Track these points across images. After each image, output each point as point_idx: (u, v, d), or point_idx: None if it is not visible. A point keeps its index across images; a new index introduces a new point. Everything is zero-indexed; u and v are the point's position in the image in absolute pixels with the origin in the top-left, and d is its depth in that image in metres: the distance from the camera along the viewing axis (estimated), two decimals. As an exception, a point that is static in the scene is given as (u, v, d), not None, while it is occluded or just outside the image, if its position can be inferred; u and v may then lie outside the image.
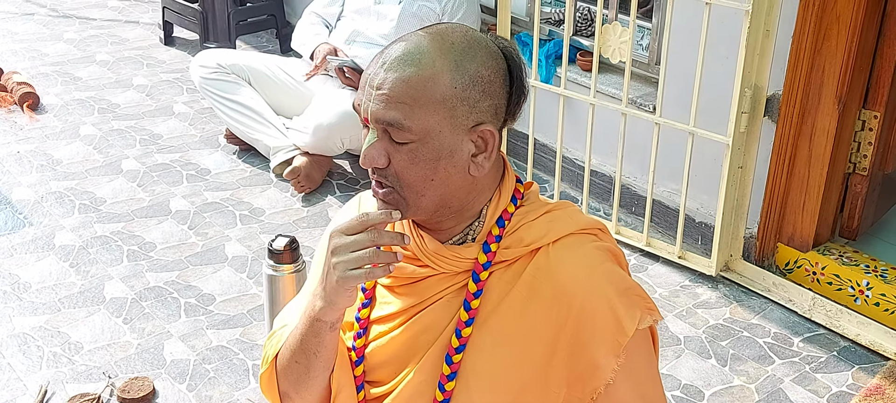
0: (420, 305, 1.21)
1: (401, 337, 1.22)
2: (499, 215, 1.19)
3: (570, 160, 3.23)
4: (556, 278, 1.15)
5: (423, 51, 1.11)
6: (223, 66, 3.35)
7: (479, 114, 1.13)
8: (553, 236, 1.17)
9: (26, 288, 2.64)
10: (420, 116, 1.09)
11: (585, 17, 3.34)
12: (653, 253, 2.86)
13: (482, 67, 1.12)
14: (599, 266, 1.16)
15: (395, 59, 1.11)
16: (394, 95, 1.09)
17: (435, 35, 1.13)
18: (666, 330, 2.54)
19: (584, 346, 1.14)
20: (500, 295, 1.17)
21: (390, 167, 1.13)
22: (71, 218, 2.99)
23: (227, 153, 3.45)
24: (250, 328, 2.50)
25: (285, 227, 2.98)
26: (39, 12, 4.93)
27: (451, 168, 1.13)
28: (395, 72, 1.10)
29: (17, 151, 3.42)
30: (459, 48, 1.12)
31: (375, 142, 1.13)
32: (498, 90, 1.14)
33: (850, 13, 2.41)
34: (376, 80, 1.11)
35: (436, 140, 1.11)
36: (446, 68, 1.10)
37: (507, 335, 1.16)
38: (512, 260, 1.18)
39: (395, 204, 1.16)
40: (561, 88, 2.91)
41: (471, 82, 1.11)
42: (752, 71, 2.51)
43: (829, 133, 2.54)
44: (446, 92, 1.10)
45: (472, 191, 1.17)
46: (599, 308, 1.13)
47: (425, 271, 1.20)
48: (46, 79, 4.07)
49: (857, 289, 2.57)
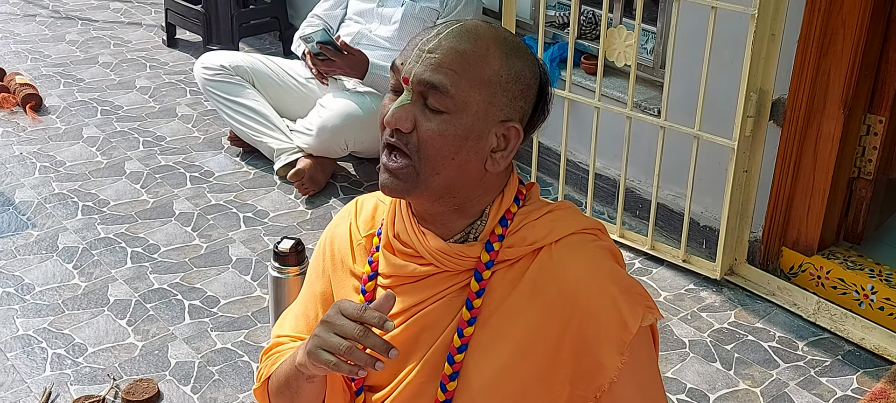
0: (421, 304, 1.21)
1: (402, 336, 1.21)
2: (502, 214, 1.19)
3: (574, 163, 3.23)
4: (560, 277, 1.15)
5: (480, 33, 1.14)
6: (227, 67, 3.35)
7: (513, 111, 1.15)
8: (556, 235, 1.18)
9: (29, 289, 2.63)
10: (464, 88, 1.11)
11: (590, 21, 3.34)
12: (657, 257, 2.86)
13: (526, 69, 1.16)
14: (602, 264, 1.17)
15: (453, 32, 1.13)
16: (445, 61, 1.11)
17: (491, 25, 1.17)
18: (670, 334, 2.53)
19: (588, 344, 1.14)
20: (502, 294, 1.17)
21: (414, 134, 1.12)
22: (74, 220, 2.99)
23: (230, 155, 3.45)
24: (255, 330, 2.49)
25: (289, 230, 2.98)
26: (41, 14, 4.93)
27: (472, 153, 1.13)
28: (451, 42, 1.12)
29: (20, 153, 3.41)
30: (511, 44, 1.16)
31: (407, 104, 1.12)
32: (531, 97, 1.17)
33: (855, 18, 2.42)
34: (429, 45, 1.13)
35: (470, 118, 1.12)
36: (498, 55, 1.13)
37: (509, 334, 1.16)
38: (515, 259, 1.18)
39: (406, 178, 1.13)
40: (566, 92, 2.91)
41: (514, 77, 1.14)
42: (758, 75, 2.51)
43: (834, 137, 2.54)
44: (492, 76, 1.12)
45: (480, 186, 1.18)
46: (604, 306, 1.14)
47: (427, 269, 1.20)
48: (49, 80, 4.06)
49: (861, 294, 2.57)
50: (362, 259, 1.28)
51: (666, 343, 2.49)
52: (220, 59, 3.38)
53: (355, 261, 1.29)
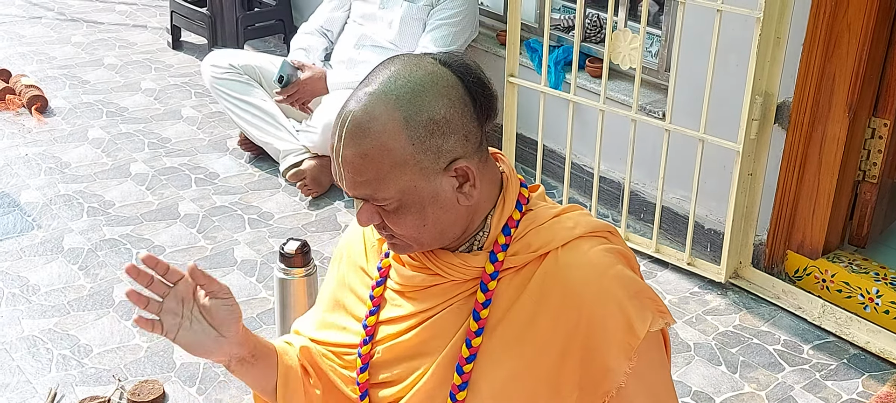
0: (429, 310, 1.21)
1: (410, 342, 1.22)
2: (504, 223, 1.18)
3: (578, 166, 3.23)
4: (565, 282, 1.14)
5: (373, 116, 1.09)
6: (236, 66, 3.36)
7: (448, 154, 1.11)
8: (561, 240, 1.16)
9: (35, 290, 2.64)
10: (389, 184, 1.10)
11: (595, 24, 3.35)
12: (662, 260, 2.86)
13: (436, 106, 1.10)
14: (609, 269, 1.15)
15: (347, 133, 1.11)
16: (358, 172, 1.11)
17: (379, 92, 1.10)
18: (675, 337, 2.53)
19: (595, 350, 1.14)
20: (509, 301, 1.17)
21: (383, 223, 1.16)
22: (79, 221, 3.00)
23: (235, 157, 3.46)
24: (260, 332, 2.49)
25: (294, 231, 2.98)
26: (47, 16, 4.95)
27: (438, 210, 1.14)
28: (351, 148, 1.10)
29: (26, 154, 3.42)
30: (408, 96, 1.09)
31: (365, 206, 1.16)
32: (459, 120, 1.11)
33: (860, 21, 2.42)
34: (339, 156, 1.13)
35: (414, 194, 1.12)
36: (398, 127, 1.08)
37: (517, 341, 1.16)
38: (520, 265, 1.17)
39: (404, 248, 1.19)
40: (571, 95, 2.91)
41: (427, 132, 1.09)
42: (763, 78, 2.51)
43: (839, 140, 2.54)
44: (405, 153, 1.09)
45: (468, 215, 1.18)
46: (610, 311, 1.13)
47: (434, 279, 1.20)
48: (54, 82, 4.07)
49: (866, 297, 2.56)
50: (375, 259, 1.30)
51: (671, 346, 2.49)
52: (229, 58, 3.39)
53: (368, 261, 1.31)
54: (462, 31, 3.30)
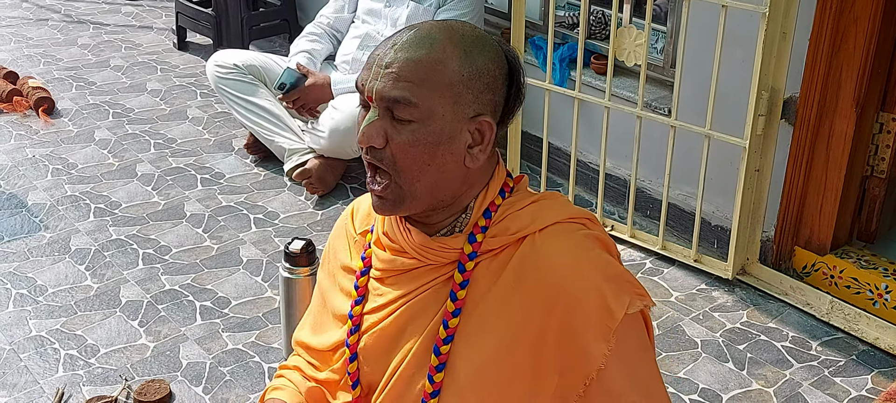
0: (408, 295, 1.22)
1: (390, 328, 1.23)
2: (486, 207, 1.20)
3: (584, 163, 3.22)
4: (542, 266, 1.15)
5: (435, 37, 1.14)
6: (240, 66, 3.36)
7: (481, 106, 1.15)
8: (539, 224, 1.18)
9: (42, 291, 2.65)
10: (427, 95, 1.11)
11: (599, 21, 3.34)
12: (668, 257, 2.85)
13: (489, 62, 1.15)
14: (587, 253, 1.16)
15: (407, 42, 1.13)
16: (403, 73, 1.11)
17: (446, 25, 1.17)
18: (682, 334, 2.52)
19: (573, 333, 1.14)
20: (487, 284, 1.18)
21: (387, 149, 1.14)
22: (86, 222, 3.00)
23: (240, 157, 3.46)
24: (266, 331, 2.49)
25: (299, 231, 2.98)
26: (53, 18, 4.96)
27: (447, 155, 1.14)
28: (406, 53, 1.12)
29: (33, 156, 3.43)
30: (469, 40, 1.15)
31: (375, 121, 1.14)
32: (499, 87, 1.17)
33: (868, 16, 2.40)
34: (386, 59, 1.13)
35: (438, 123, 1.12)
36: (455, 55, 1.13)
37: (494, 324, 1.17)
38: (498, 249, 1.18)
39: (392, 195, 1.16)
40: (576, 92, 2.90)
41: (477, 73, 1.14)
42: (769, 73, 2.50)
43: (846, 136, 2.52)
44: (454, 77, 1.12)
45: (464, 182, 1.18)
46: (588, 294, 1.13)
47: (412, 263, 1.21)
48: (61, 83, 4.08)
49: (875, 293, 2.55)
50: (358, 255, 1.31)
51: (678, 344, 2.48)
52: (234, 58, 3.39)
53: (352, 258, 1.32)
54: None
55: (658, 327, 2.55)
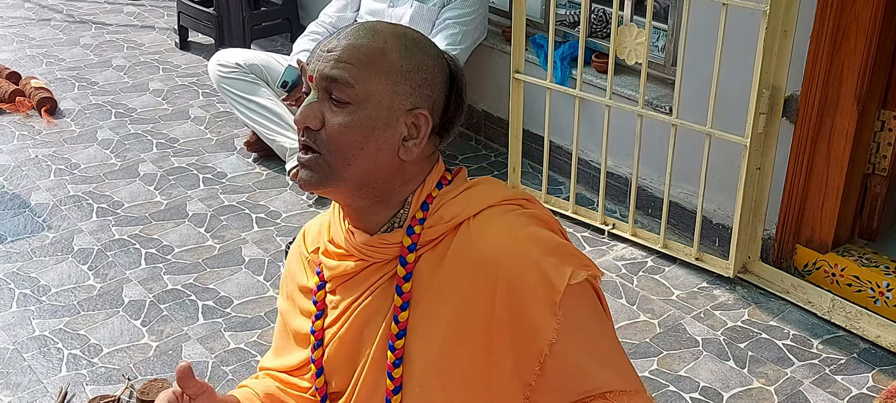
0: (359, 299, 1.23)
1: (347, 335, 1.24)
2: (423, 199, 1.20)
3: (585, 162, 3.22)
4: (479, 249, 1.16)
5: (378, 30, 1.17)
6: (242, 65, 3.37)
7: (418, 99, 1.17)
8: (473, 209, 1.18)
9: (46, 290, 2.65)
10: (365, 78, 1.14)
11: (600, 19, 3.34)
12: (670, 255, 2.85)
13: (428, 59, 1.18)
14: (522, 230, 1.16)
15: (352, 31, 1.17)
16: (344, 57, 1.14)
17: (391, 25, 1.20)
18: (684, 333, 2.53)
19: (520, 311, 1.14)
20: (429, 275, 1.18)
21: (323, 131, 1.15)
22: (89, 222, 3.01)
23: (242, 156, 3.47)
24: (267, 330, 2.50)
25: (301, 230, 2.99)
26: (56, 18, 4.97)
27: (381, 142, 1.15)
28: (348, 39, 1.16)
29: (35, 156, 3.44)
30: (411, 37, 1.18)
31: (314, 103, 1.16)
32: (438, 87, 1.19)
33: (869, 14, 2.40)
34: (330, 45, 1.16)
35: (374, 108, 1.14)
36: (396, 47, 1.16)
37: (442, 313, 1.17)
38: (437, 239, 1.19)
39: (318, 170, 1.16)
40: (577, 90, 2.91)
41: (416, 66, 1.16)
42: (770, 72, 2.50)
43: (847, 134, 2.52)
44: (392, 66, 1.15)
45: (397, 176, 1.19)
46: (527, 270, 1.13)
47: (358, 264, 1.22)
48: (63, 84, 4.09)
49: (877, 291, 2.55)
50: (312, 273, 1.32)
51: (679, 342, 2.49)
52: (236, 57, 3.40)
53: (308, 277, 1.33)
54: (472, 31, 3.30)
55: (659, 325, 2.55)
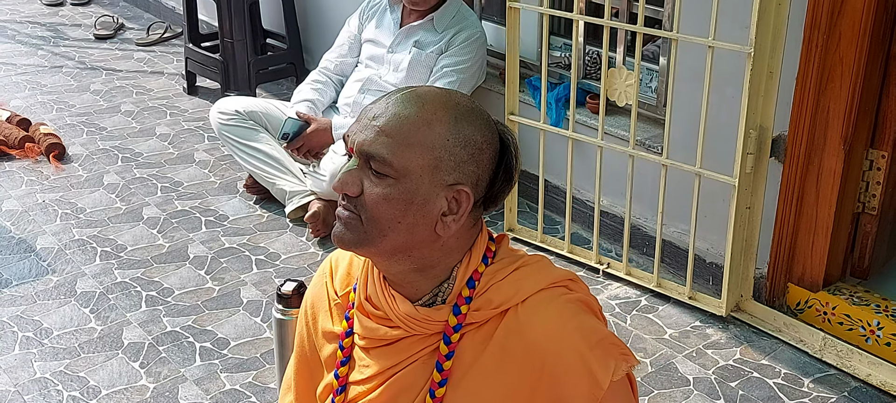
0: (396, 367, 1.22)
1: (379, 399, 1.22)
2: (469, 276, 1.19)
3: (581, 201, 3.26)
4: (526, 337, 1.15)
5: (428, 98, 1.15)
6: (241, 112, 3.44)
7: (461, 175, 1.14)
8: (522, 295, 1.17)
9: (48, 333, 2.71)
10: (405, 154, 1.11)
11: (595, 61, 3.39)
12: (663, 294, 2.87)
13: (477, 133, 1.15)
14: (570, 321, 1.16)
15: (400, 97, 1.15)
16: (386, 129, 1.12)
17: (444, 91, 1.17)
18: (675, 372, 2.54)
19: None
20: (472, 356, 1.18)
21: (361, 197, 1.14)
22: (92, 265, 3.07)
23: (244, 199, 3.53)
24: (263, 371, 2.54)
25: (300, 272, 3.03)
26: (68, 65, 5.09)
27: (419, 217, 1.13)
28: (395, 108, 1.13)
29: (43, 201, 3.52)
30: (462, 109, 1.15)
31: (354, 169, 1.15)
32: (485, 162, 1.16)
33: (853, 54, 2.43)
34: (375, 111, 1.14)
35: (414, 182, 1.12)
36: (444, 119, 1.13)
37: (482, 396, 1.17)
38: (482, 321, 1.18)
39: (355, 231, 1.15)
40: (569, 131, 2.95)
41: (463, 141, 1.14)
42: (757, 112, 2.53)
43: (835, 173, 2.55)
44: (437, 140, 1.12)
45: (436, 249, 1.17)
46: (573, 364, 1.14)
47: (398, 333, 1.20)
48: (72, 129, 4.19)
49: (868, 329, 2.55)
50: (340, 318, 1.30)
51: (670, 381, 2.50)
52: (235, 105, 3.48)
53: (334, 322, 1.31)
54: (469, 78, 3.35)
55: (651, 364, 2.57)
